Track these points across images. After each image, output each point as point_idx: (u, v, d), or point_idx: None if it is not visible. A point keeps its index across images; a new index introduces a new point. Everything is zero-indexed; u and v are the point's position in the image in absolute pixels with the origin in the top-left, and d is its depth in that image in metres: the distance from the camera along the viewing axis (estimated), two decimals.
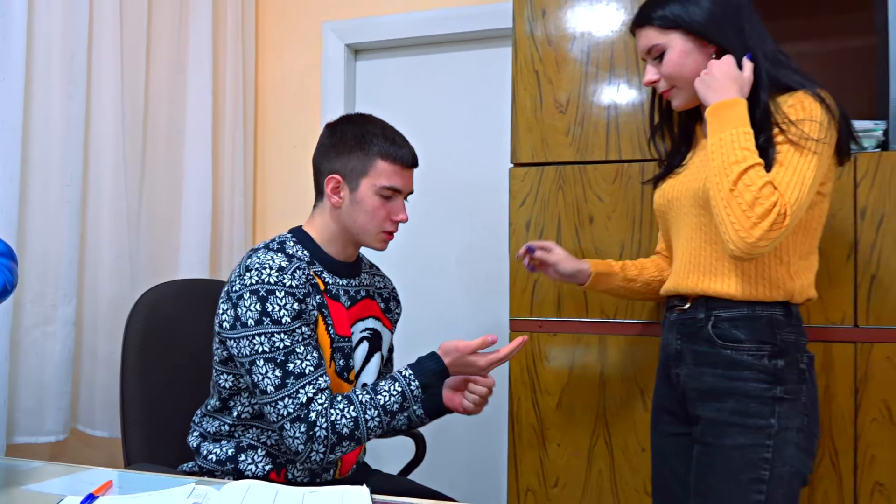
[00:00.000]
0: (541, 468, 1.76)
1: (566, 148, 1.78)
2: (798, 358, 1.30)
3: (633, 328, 1.71)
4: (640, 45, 1.41)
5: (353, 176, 1.48)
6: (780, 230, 1.18)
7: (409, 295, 2.66)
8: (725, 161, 1.22)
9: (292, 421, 1.33)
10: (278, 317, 1.36)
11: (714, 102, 1.27)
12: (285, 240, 1.50)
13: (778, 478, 1.27)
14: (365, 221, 1.49)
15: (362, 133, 1.49)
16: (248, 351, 1.36)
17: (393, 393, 1.39)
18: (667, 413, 1.47)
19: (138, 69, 2.22)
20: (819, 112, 1.24)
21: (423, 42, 2.65)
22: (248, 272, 1.39)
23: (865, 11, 1.79)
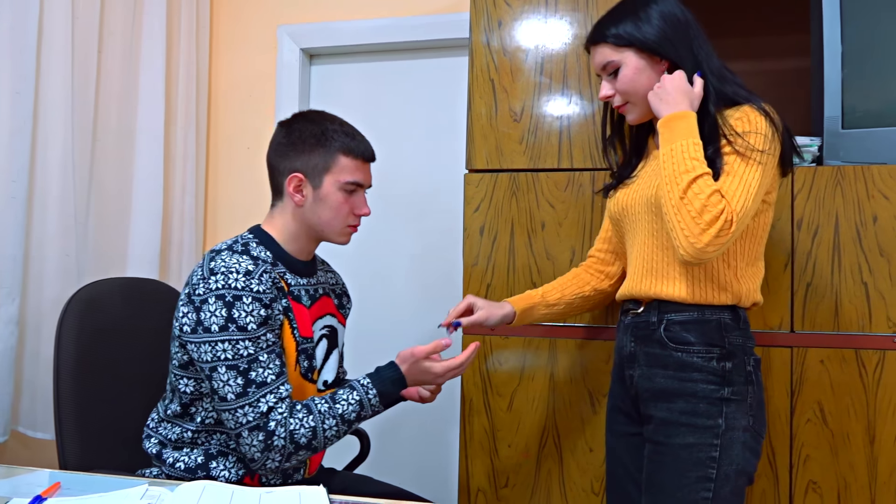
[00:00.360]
0: (491, 469, 1.79)
1: (520, 155, 1.82)
2: (745, 360, 1.36)
3: (581, 332, 1.76)
4: (596, 62, 1.45)
5: (315, 173, 1.48)
6: (727, 236, 1.24)
7: (361, 298, 2.67)
8: (676, 170, 1.28)
9: (251, 429, 1.33)
10: (244, 323, 1.34)
11: (666, 115, 1.33)
12: (248, 241, 1.48)
13: (724, 476, 1.32)
14: (330, 218, 1.49)
15: (322, 130, 1.50)
16: (210, 357, 1.34)
17: (351, 402, 1.40)
18: (621, 414, 1.51)
19: (89, 66, 2.18)
20: (764, 125, 1.31)
21: (379, 49, 2.67)
22: (213, 275, 1.37)
23: (801, 34, 1.88)
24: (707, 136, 1.32)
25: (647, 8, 1.39)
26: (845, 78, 1.69)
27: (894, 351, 1.59)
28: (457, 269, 2.49)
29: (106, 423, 1.59)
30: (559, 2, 1.81)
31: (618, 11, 1.43)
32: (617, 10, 1.44)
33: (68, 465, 1.49)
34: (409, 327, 2.62)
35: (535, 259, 1.79)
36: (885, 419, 1.59)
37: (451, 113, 2.59)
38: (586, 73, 1.79)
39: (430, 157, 2.64)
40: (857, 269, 1.61)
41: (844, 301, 1.62)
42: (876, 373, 1.60)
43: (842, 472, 1.61)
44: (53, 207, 2.03)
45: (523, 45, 1.84)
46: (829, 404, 1.61)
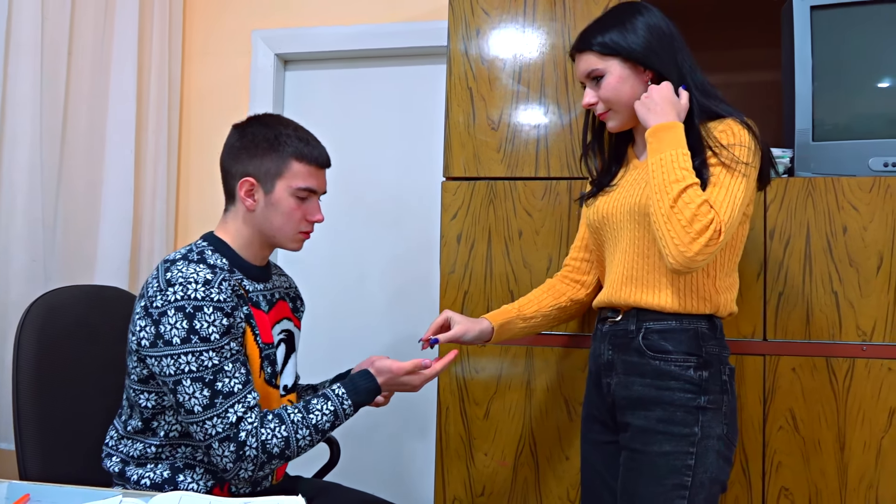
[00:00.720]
0: (468, 477, 1.78)
1: (497, 164, 1.83)
2: (721, 369, 1.37)
3: (559, 340, 1.77)
4: (580, 69, 1.46)
5: (267, 178, 1.45)
6: (715, 245, 1.26)
7: (336, 304, 2.66)
8: (666, 180, 1.29)
9: (221, 441, 1.30)
10: (207, 334, 1.31)
11: (654, 125, 1.34)
12: (203, 249, 1.45)
13: (699, 483, 1.33)
14: (281, 223, 1.47)
15: (275, 135, 1.47)
16: (174, 370, 1.31)
17: (325, 412, 1.39)
18: (596, 422, 1.52)
19: (59, 66, 2.14)
20: (748, 138, 1.33)
21: (354, 55, 2.66)
22: (170, 287, 1.33)
23: (773, 48, 1.92)
24: (692, 148, 1.33)
25: (633, 19, 1.41)
26: (815, 92, 1.73)
27: (863, 359, 1.62)
28: (432, 275, 2.50)
29: (68, 432, 1.55)
30: (537, 12, 1.83)
31: (604, 21, 1.45)
32: (603, 20, 1.45)
33: (29, 475, 1.45)
34: (383, 333, 2.61)
35: (511, 267, 1.79)
36: (854, 426, 1.62)
37: (427, 120, 2.60)
38: (563, 82, 1.81)
39: (406, 165, 2.64)
40: (828, 279, 1.64)
41: (815, 310, 1.65)
42: (846, 381, 1.63)
43: (813, 478, 1.63)
44: (20, 210, 1.99)
45: (501, 54, 1.84)
46: (800, 412, 1.64)
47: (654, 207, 1.31)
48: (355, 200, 2.68)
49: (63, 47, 2.15)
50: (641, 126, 1.42)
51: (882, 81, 1.75)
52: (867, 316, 1.62)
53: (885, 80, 1.75)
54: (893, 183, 1.63)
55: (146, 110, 2.50)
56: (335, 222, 2.68)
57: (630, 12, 1.43)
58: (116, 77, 2.37)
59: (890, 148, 1.68)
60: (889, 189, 1.63)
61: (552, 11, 1.82)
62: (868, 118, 1.76)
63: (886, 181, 1.63)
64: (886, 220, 1.62)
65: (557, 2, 1.82)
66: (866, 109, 1.77)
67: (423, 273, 2.57)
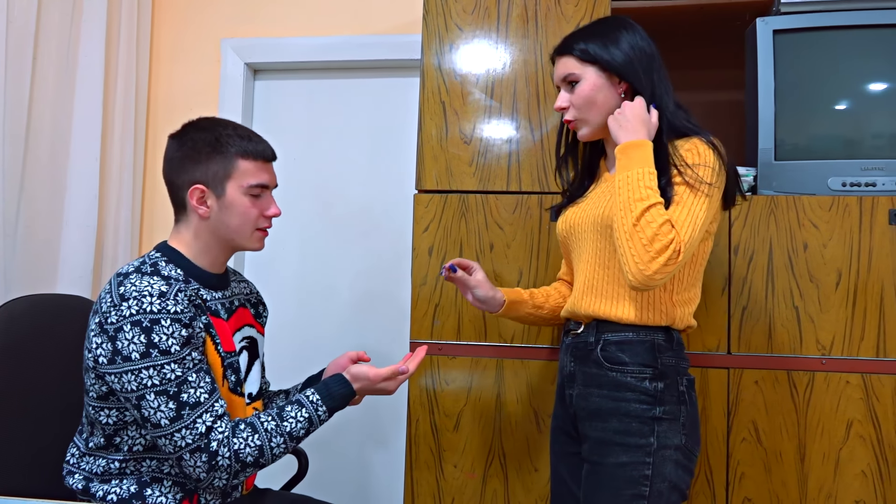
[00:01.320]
0: (437, 489, 1.78)
1: (469, 177, 1.85)
2: (678, 381, 1.40)
3: (529, 352, 1.79)
4: (558, 72, 1.49)
5: (216, 181, 1.43)
6: (674, 265, 1.28)
7: (304, 314, 2.65)
8: (631, 197, 1.32)
9: (192, 451, 1.29)
10: (167, 347, 1.29)
11: (624, 142, 1.37)
12: (157, 260, 1.42)
13: (657, 493, 1.35)
14: (239, 224, 1.45)
15: (216, 137, 1.44)
16: (135, 386, 1.29)
17: (300, 419, 1.38)
18: (563, 434, 1.54)
19: (23, 70, 2.10)
20: (712, 158, 1.36)
21: (325, 66, 2.67)
22: (125, 301, 1.30)
23: (736, 69, 1.98)
24: (659, 166, 1.36)
25: (617, 32, 1.44)
26: (777, 113, 1.79)
27: (823, 372, 1.67)
28: (401, 287, 2.50)
29: (29, 447, 1.51)
30: (510, 28, 1.85)
31: (589, 29, 1.49)
32: (589, 28, 1.49)
33: None
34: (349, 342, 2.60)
35: None
36: (814, 438, 1.67)
37: (397, 133, 2.61)
38: (535, 99, 1.84)
39: (376, 176, 2.64)
40: (790, 294, 1.69)
41: (777, 324, 1.70)
42: (806, 393, 1.67)
43: (775, 489, 1.67)
44: None
45: (474, 69, 1.87)
46: (763, 423, 1.68)
47: (617, 224, 1.33)
48: (324, 211, 2.68)
49: (28, 52, 2.11)
50: (613, 140, 1.44)
51: (841, 104, 1.82)
52: (826, 330, 1.68)
53: (844, 102, 1.82)
54: (852, 202, 1.69)
55: (112, 117, 2.46)
56: (305, 233, 2.68)
57: (615, 25, 1.46)
58: (82, 83, 2.33)
59: (848, 168, 1.74)
60: (847, 208, 1.69)
61: (525, 28, 1.85)
62: (827, 139, 1.82)
63: (845, 200, 1.69)
64: (845, 238, 1.68)
65: (530, 19, 1.85)
66: (826, 131, 1.83)
67: (392, 284, 2.57)
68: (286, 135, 2.71)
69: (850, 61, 1.79)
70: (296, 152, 2.70)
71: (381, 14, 2.55)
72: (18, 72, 2.08)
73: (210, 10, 2.69)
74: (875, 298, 1.67)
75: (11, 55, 2.04)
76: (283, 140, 2.69)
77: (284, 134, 2.71)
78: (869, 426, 1.65)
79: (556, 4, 1.83)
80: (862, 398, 1.66)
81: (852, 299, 1.67)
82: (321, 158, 2.69)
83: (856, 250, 1.68)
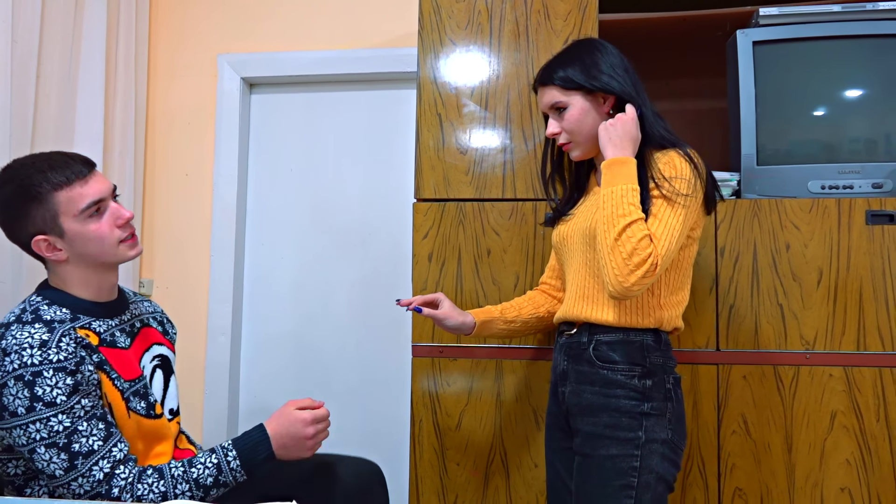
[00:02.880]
0: (441, 486, 1.84)
1: (466, 186, 1.92)
2: (665, 378, 1.47)
3: (526, 353, 1.86)
4: (543, 102, 1.56)
5: (51, 226, 1.37)
6: (651, 277, 1.36)
7: (303, 324, 2.70)
8: (614, 213, 1.39)
9: (92, 498, 1.27)
10: (52, 398, 1.26)
11: (610, 157, 1.44)
12: (38, 305, 1.37)
13: (645, 483, 1.42)
14: (98, 249, 1.40)
15: (22, 187, 1.37)
16: (25, 440, 1.27)
17: (208, 465, 1.34)
18: (557, 429, 1.61)
19: (27, 90, 2.15)
20: (688, 171, 1.43)
21: (321, 80, 2.73)
22: (7, 357, 1.27)
23: (719, 78, 2.07)
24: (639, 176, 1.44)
25: (592, 55, 1.52)
26: (759, 120, 1.87)
27: (807, 367, 1.75)
28: (399, 294, 2.56)
29: None
30: (502, 43, 1.93)
31: (564, 57, 1.56)
32: (563, 56, 1.56)
33: None
34: (350, 351, 2.66)
35: (481, 284, 1.88)
36: (800, 429, 1.75)
37: (393, 143, 2.68)
38: (528, 110, 1.91)
39: (372, 187, 2.71)
40: (774, 292, 1.78)
41: (763, 321, 1.78)
42: (791, 387, 1.75)
43: (764, 479, 1.75)
44: None
45: (469, 81, 1.94)
46: (751, 416, 1.76)
47: (600, 237, 1.41)
48: (321, 222, 2.74)
49: (31, 71, 2.16)
50: (600, 155, 1.54)
51: (818, 111, 1.91)
52: (810, 326, 1.76)
53: (821, 109, 1.91)
54: (830, 204, 1.77)
55: (112, 133, 2.51)
56: (302, 243, 2.74)
57: (590, 49, 1.54)
58: (83, 99, 2.38)
59: (827, 172, 1.83)
60: (827, 210, 1.77)
61: (516, 42, 1.93)
62: (806, 144, 1.91)
63: (824, 202, 1.78)
64: (825, 238, 1.77)
65: (521, 34, 1.93)
66: (805, 136, 1.92)
67: (389, 293, 2.63)
68: (283, 147, 2.78)
69: (827, 70, 1.89)
70: (293, 164, 2.76)
71: (374, 28, 2.62)
72: (23, 90, 2.13)
73: (206, 26, 2.75)
74: (854, 295, 1.75)
75: (16, 74, 2.09)
76: (280, 152, 2.77)
77: (281, 147, 2.78)
78: (852, 417, 1.73)
79: (546, 20, 1.91)
80: (845, 390, 1.74)
81: (833, 296, 1.76)
82: (317, 170, 2.75)
83: (835, 250, 1.76)
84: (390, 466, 2.58)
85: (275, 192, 2.77)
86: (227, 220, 2.68)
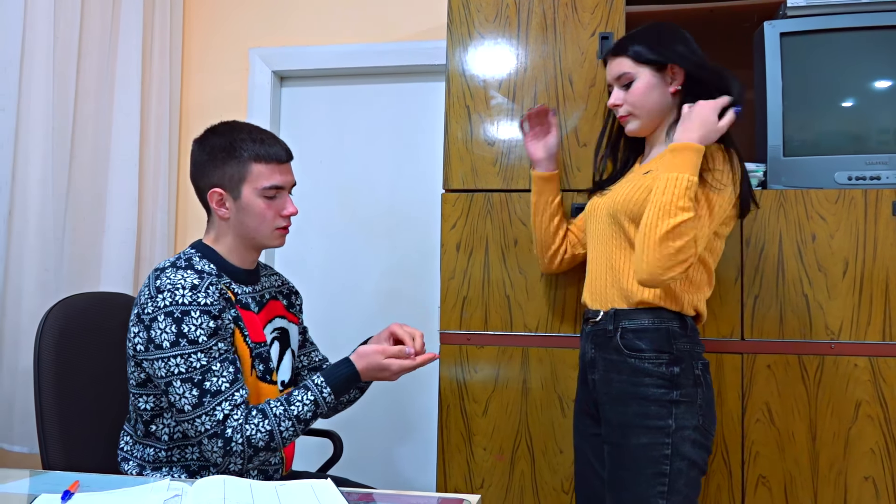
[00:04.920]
0: (468, 470, 1.89)
1: (494, 177, 1.95)
2: (693, 365, 1.49)
3: (552, 341, 1.89)
4: (612, 72, 1.61)
5: (232, 185, 1.51)
6: (685, 273, 1.40)
7: (331, 313, 2.76)
8: (673, 204, 1.39)
9: (210, 437, 1.37)
10: (195, 337, 1.38)
11: (681, 140, 1.44)
12: (191, 256, 1.52)
13: (677, 470, 1.45)
14: (256, 225, 1.53)
15: (230, 142, 1.52)
16: (165, 372, 1.38)
17: (306, 402, 1.44)
18: (586, 416, 1.64)
19: (68, 86, 2.23)
20: (728, 167, 1.47)
21: (350, 73, 2.78)
22: (160, 294, 1.40)
23: (746, 69, 2.07)
24: None
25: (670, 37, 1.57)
26: (786, 111, 1.88)
27: (832, 356, 1.76)
28: (426, 283, 2.61)
29: (89, 432, 1.62)
30: (529, 36, 1.96)
31: (643, 33, 1.60)
32: (642, 30, 1.61)
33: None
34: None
35: (508, 273, 1.91)
36: (824, 418, 1.76)
37: (421, 135, 2.72)
38: (555, 101, 1.94)
39: (400, 178, 2.76)
40: (799, 283, 1.79)
41: (787, 311, 1.79)
42: (816, 376, 1.77)
43: (787, 467, 1.77)
44: (33, 223, 2.07)
45: (496, 74, 1.97)
46: (775, 405, 1.78)
47: (649, 220, 1.41)
48: (350, 212, 2.79)
49: (72, 66, 2.24)
50: (652, 137, 1.59)
51: (845, 102, 1.91)
52: (835, 316, 1.77)
53: (848, 100, 1.91)
54: (857, 195, 1.78)
55: (148, 126, 2.59)
56: (331, 232, 2.79)
57: (668, 31, 1.59)
58: (120, 95, 2.46)
59: (853, 163, 1.84)
60: (853, 201, 1.78)
61: (543, 35, 1.95)
62: (833, 135, 1.91)
63: (850, 193, 1.78)
64: (851, 229, 1.77)
65: (549, 27, 1.95)
66: (832, 127, 1.92)
67: (416, 281, 2.68)
68: (312, 139, 2.83)
69: (854, 61, 1.89)
70: (322, 155, 2.82)
71: (402, 22, 2.66)
72: (63, 86, 2.20)
73: (238, 20, 2.81)
74: (881, 285, 1.76)
75: (58, 70, 2.16)
76: (309, 144, 2.83)
77: (311, 138, 2.83)
78: (877, 406, 1.74)
79: (574, 13, 1.93)
80: (870, 380, 1.75)
81: (859, 287, 1.77)
82: (346, 161, 2.80)
83: (861, 241, 1.77)
84: (418, 451, 2.65)
85: (304, 183, 2.80)
86: None
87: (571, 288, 1.88)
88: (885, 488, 1.72)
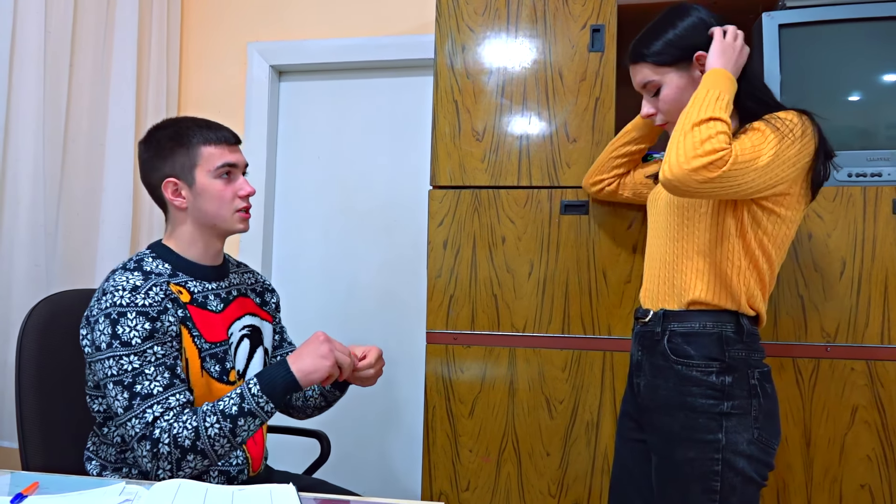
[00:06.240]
0: (453, 473, 1.86)
1: (482, 173, 1.91)
2: (748, 374, 1.35)
3: (539, 341, 1.85)
4: (636, 80, 1.47)
5: (185, 172, 1.49)
6: (717, 172, 1.22)
7: (327, 308, 2.74)
8: (704, 106, 1.28)
9: (139, 440, 1.32)
10: (128, 339, 1.35)
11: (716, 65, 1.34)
12: (143, 257, 1.50)
13: (730, 487, 1.32)
14: (216, 208, 1.50)
15: (176, 132, 1.51)
16: (102, 375, 1.37)
17: (232, 396, 1.37)
18: (630, 419, 1.55)
19: (61, 78, 2.22)
20: (801, 122, 1.32)
21: (346, 67, 2.75)
22: (104, 295, 1.39)
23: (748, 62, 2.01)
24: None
25: (683, 18, 1.42)
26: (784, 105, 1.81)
27: (828, 360, 1.71)
28: (422, 280, 2.58)
29: (68, 430, 1.61)
30: (519, 29, 1.91)
31: (655, 28, 1.45)
32: (655, 25, 1.46)
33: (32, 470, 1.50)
34: (374, 335, 2.69)
35: (495, 272, 1.88)
36: (819, 423, 1.70)
37: (414, 130, 2.69)
38: (544, 96, 1.89)
39: (395, 173, 2.73)
40: (794, 283, 1.73)
41: (782, 313, 1.73)
42: (811, 380, 1.71)
43: (781, 473, 1.71)
44: (24, 217, 2.07)
45: (485, 68, 1.93)
46: None
47: (677, 125, 1.30)
48: (347, 208, 2.77)
49: (65, 60, 2.23)
50: None
51: (846, 96, 1.84)
52: (831, 318, 1.71)
53: (849, 94, 1.84)
54: (856, 192, 1.72)
55: (144, 120, 2.58)
56: (328, 228, 2.77)
57: (680, 14, 1.44)
58: (115, 87, 2.45)
59: (854, 159, 1.77)
60: (851, 198, 1.72)
61: (534, 28, 1.91)
62: (832, 130, 1.83)
63: (849, 190, 1.72)
64: (849, 228, 1.71)
65: (539, 19, 1.90)
66: (832, 122, 1.84)
67: (412, 278, 2.65)
68: (310, 134, 2.81)
69: (854, 54, 1.82)
70: (319, 151, 2.80)
71: (397, 16, 2.63)
72: (56, 80, 2.20)
73: (236, 15, 2.79)
74: (879, 286, 1.70)
75: (49, 64, 2.16)
76: (307, 139, 2.81)
77: (309, 133, 2.81)
78: (874, 412, 1.68)
79: (564, 4, 1.89)
80: (867, 384, 1.69)
81: (857, 287, 1.70)
82: (343, 156, 2.78)
83: (860, 239, 1.71)
84: (408, 450, 2.62)
85: (302, 178, 2.80)
86: (255, 206, 2.73)
87: (560, 288, 1.84)
88: (882, 497, 1.67)
